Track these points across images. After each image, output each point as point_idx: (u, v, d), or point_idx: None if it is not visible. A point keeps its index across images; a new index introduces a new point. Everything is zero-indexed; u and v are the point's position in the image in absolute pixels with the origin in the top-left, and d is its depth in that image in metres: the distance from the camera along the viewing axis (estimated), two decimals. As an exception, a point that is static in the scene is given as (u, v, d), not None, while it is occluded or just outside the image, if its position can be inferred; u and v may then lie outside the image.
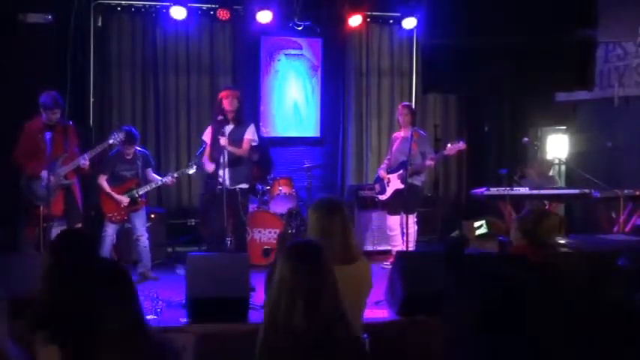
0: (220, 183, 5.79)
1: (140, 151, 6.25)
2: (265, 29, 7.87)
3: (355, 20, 7.93)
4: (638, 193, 6.61)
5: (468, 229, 7.82)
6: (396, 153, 6.73)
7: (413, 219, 6.50)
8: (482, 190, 6.68)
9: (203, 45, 8.05)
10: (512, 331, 2.69)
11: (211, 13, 7.72)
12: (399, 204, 6.52)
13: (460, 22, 7.98)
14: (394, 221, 6.67)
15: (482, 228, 7.87)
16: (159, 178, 6.28)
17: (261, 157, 6.96)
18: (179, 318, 4.62)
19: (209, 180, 6.05)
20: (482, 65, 8.29)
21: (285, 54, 8.36)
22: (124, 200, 6.02)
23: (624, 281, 3.08)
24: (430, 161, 6.53)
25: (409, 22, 8.06)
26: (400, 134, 6.85)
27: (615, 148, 7.27)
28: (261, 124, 8.08)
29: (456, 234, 7.90)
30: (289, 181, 7.23)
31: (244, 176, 6.05)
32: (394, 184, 6.65)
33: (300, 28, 7.92)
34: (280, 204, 7.01)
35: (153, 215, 6.92)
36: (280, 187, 7.06)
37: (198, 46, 8.01)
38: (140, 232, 6.18)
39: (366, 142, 8.61)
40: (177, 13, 7.32)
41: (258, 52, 8.25)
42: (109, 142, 5.81)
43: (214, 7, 7.63)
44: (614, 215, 6.64)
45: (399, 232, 6.62)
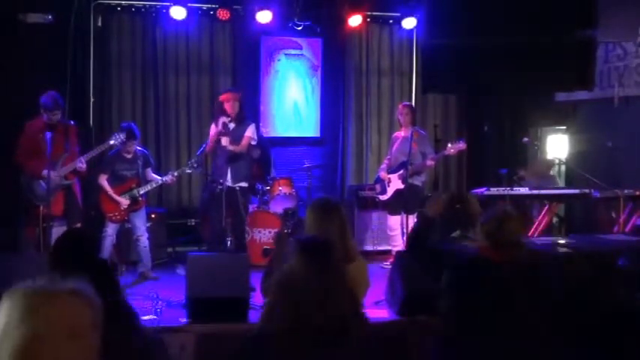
0: (220, 183, 5.85)
1: (140, 151, 6.25)
2: (265, 29, 7.87)
3: (355, 20, 7.93)
4: (638, 193, 6.61)
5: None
6: (397, 153, 6.73)
7: (413, 219, 6.49)
8: (482, 190, 6.67)
9: (203, 45, 8.05)
10: (471, 331, 2.69)
11: (211, 13, 7.72)
12: (399, 204, 6.53)
13: (460, 22, 7.99)
14: (395, 221, 6.67)
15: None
16: (159, 177, 6.29)
17: (261, 156, 6.97)
18: (179, 318, 4.62)
19: (210, 181, 6.09)
20: (482, 65, 8.30)
21: (285, 54, 8.36)
22: (123, 202, 6.02)
23: (624, 281, 3.08)
24: (431, 161, 6.53)
25: (409, 22, 8.06)
26: (400, 134, 6.85)
27: (615, 148, 7.27)
28: (261, 124, 8.08)
29: (457, 234, 7.89)
30: (289, 181, 7.22)
31: (244, 175, 6.09)
32: (395, 184, 6.65)
33: (300, 28, 7.93)
34: (280, 204, 7.01)
35: (153, 215, 6.92)
36: (280, 187, 7.05)
37: (198, 46, 8.01)
38: (140, 232, 6.18)
39: (366, 142, 8.61)
40: (177, 13, 7.32)
41: (258, 52, 8.24)
42: (109, 142, 5.82)
43: (214, 7, 7.64)
44: (614, 215, 6.64)
45: (399, 232, 6.62)
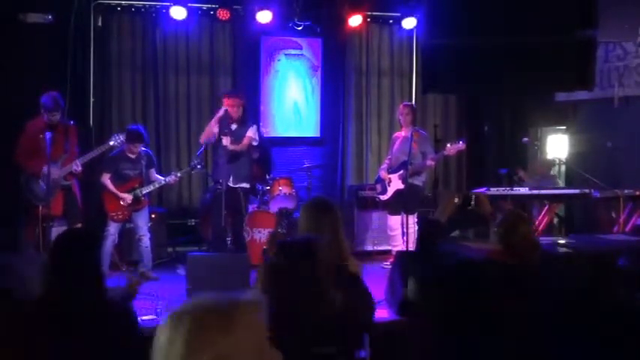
0: (220, 183, 5.90)
1: (144, 151, 6.26)
2: (265, 29, 7.87)
3: (355, 20, 7.93)
4: (638, 193, 6.61)
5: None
6: (397, 153, 6.73)
7: (413, 219, 6.49)
8: (482, 190, 6.67)
9: (203, 45, 8.05)
10: (476, 333, 2.70)
11: (211, 13, 7.72)
12: (399, 204, 6.52)
13: (460, 22, 7.94)
14: (395, 221, 6.67)
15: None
16: (162, 177, 6.30)
17: (261, 156, 6.97)
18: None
19: (213, 183, 6.13)
20: (482, 65, 8.27)
21: (285, 54, 8.36)
22: (127, 198, 6.03)
23: (624, 281, 3.08)
24: (431, 161, 6.53)
25: (409, 22, 8.06)
26: (401, 134, 6.85)
27: (615, 148, 7.27)
28: (261, 124, 8.07)
29: (457, 234, 7.91)
30: (289, 181, 7.22)
31: (245, 175, 6.14)
32: (395, 184, 6.65)
33: (300, 28, 7.92)
34: (280, 204, 7.01)
35: (153, 215, 6.92)
36: (280, 187, 7.05)
37: (198, 46, 8.01)
38: (143, 232, 6.19)
39: (366, 142, 8.61)
40: (177, 13, 7.32)
41: (258, 52, 8.24)
42: (109, 143, 5.82)
43: (214, 7, 7.63)
44: (614, 215, 6.64)
45: (399, 232, 6.62)
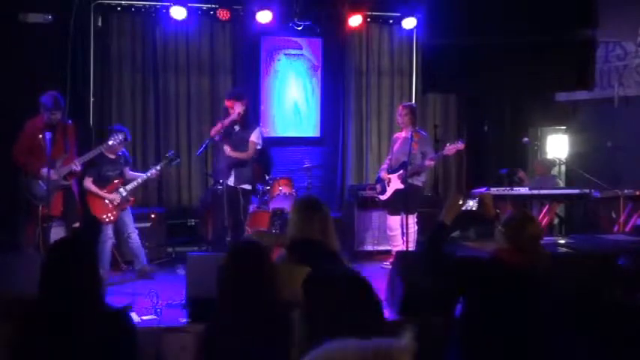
0: (220, 183, 5.95)
1: (121, 151, 6.24)
2: (265, 29, 7.87)
3: (355, 20, 7.93)
4: (638, 193, 6.62)
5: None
6: (397, 153, 6.73)
7: (413, 219, 6.49)
8: (482, 190, 6.67)
9: (203, 45, 8.04)
10: (488, 334, 2.70)
11: (211, 13, 7.71)
12: (399, 204, 6.52)
13: (460, 22, 7.97)
14: (394, 221, 6.67)
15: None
16: (141, 174, 6.29)
17: (261, 156, 6.97)
18: (179, 318, 4.62)
19: (214, 183, 6.16)
20: (482, 65, 8.29)
21: (285, 54, 8.36)
22: (115, 198, 6.01)
23: (624, 281, 3.08)
24: (430, 161, 6.53)
25: (409, 22, 8.06)
26: (401, 134, 6.85)
27: (615, 148, 7.27)
28: (261, 124, 8.07)
29: (457, 234, 7.90)
30: (289, 181, 7.23)
31: (247, 177, 6.17)
32: (394, 184, 6.65)
33: (300, 28, 7.92)
34: (280, 204, 7.01)
35: (153, 215, 6.93)
36: (280, 187, 7.06)
37: (198, 46, 8.01)
38: (131, 230, 6.18)
39: (366, 142, 8.61)
40: (177, 13, 7.32)
41: (258, 52, 8.24)
42: (108, 143, 5.80)
43: (214, 7, 7.63)
44: (614, 215, 6.63)
45: (399, 232, 6.62)
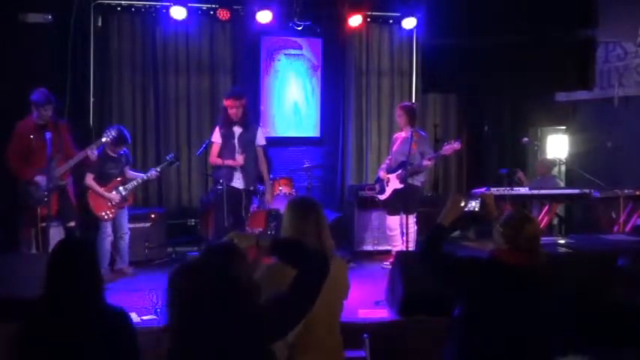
0: (221, 183, 5.95)
1: (123, 150, 6.25)
2: (265, 29, 7.87)
3: (355, 20, 7.93)
4: (638, 193, 6.61)
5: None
6: (396, 153, 6.72)
7: (413, 219, 6.49)
8: (482, 190, 6.67)
9: (203, 45, 8.04)
10: (487, 334, 2.70)
11: (211, 13, 7.71)
12: (398, 204, 6.52)
13: (460, 22, 7.99)
14: (394, 221, 6.67)
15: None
16: (141, 174, 6.30)
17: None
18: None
19: (215, 183, 6.17)
20: (482, 65, 8.30)
21: (285, 54, 8.36)
22: (115, 197, 6.03)
23: (624, 281, 3.08)
24: (427, 161, 6.52)
25: (409, 22, 8.06)
26: (401, 134, 6.84)
27: (615, 148, 7.28)
28: (261, 124, 8.07)
29: (457, 234, 7.91)
30: (289, 181, 7.23)
31: (253, 179, 6.23)
32: (393, 184, 6.65)
33: (300, 28, 7.92)
34: (280, 204, 7.00)
35: (153, 215, 6.93)
36: (280, 187, 7.06)
37: (198, 46, 8.01)
38: (125, 230, 6.21)
39: (366, 142, 8.60)
40: (177, 13, 7.32)
41: (258, 52, 8.24)
42: (102, 140, 5.79)
43: (214, 7, 7.63)
44: (614, 215, 6.64)
45: (398, 232, 6.62)
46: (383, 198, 6.80)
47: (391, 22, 8.47)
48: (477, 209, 3.58)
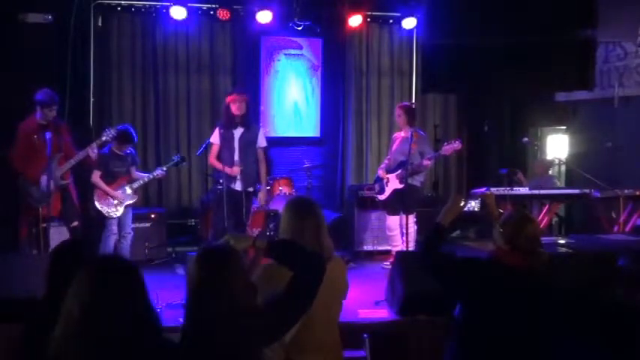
0: (221, 183, 5.96)
1: (130, 150, 6.26)
2: (265, 29, 7.87)
3: (355, 20, 7.93)
4: (638, 193, 6.61)
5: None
6: (396, 153, 6.72)
7: (413, 219, 6.48)
8: (482, 190, 6.66)
9: (203, 45, 8.05)
10: (487, 334, 2.70)
11: (211, 13, 7.71)
12: (397, 204, 6.52)
13: (460, 22, 7.99)
14: (393, 221, 6.66)
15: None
16: (147, 174, 6.32)
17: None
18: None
19: (218, 184, 6.17)
20: (482, 65, 8.31)
21: (285, 54, 8.36)
22: (120, 196, 6.04)
23: (624, 281, 3.08)
24: (427, 161, 6.51)
25: (409, 22, 8.07)
26: (400, 134, 6.84)
27: (615, 148, 7.28)
28: (261, 124, 8.07)
29: (457, 234, 7.91)
30: (289, 181, 7.23)
31: (253, 180, 6.21)
32: (393, 183, 6.64)
33: (300, 28, 7.91)
34: (280, 204, 7.00)
35: (153, 215, 6.93)
36: (280, 187, 7.06)
37: (198, 46, 8.01)
38: (128, 230, 6.21)
39: (366, 142, 8.60)
40: (177, 13, 7.32)
41: (258, 52, 8.24)
42: (102, 139, 5.80)
43: (214, 7, 7.64)
44: (614, 215, 6.63)
45: (398, 232, 6.61)
46: (382, 198, 6.79)
47: (391, 22, 8.48)
48: (476, 209, 3.58)
